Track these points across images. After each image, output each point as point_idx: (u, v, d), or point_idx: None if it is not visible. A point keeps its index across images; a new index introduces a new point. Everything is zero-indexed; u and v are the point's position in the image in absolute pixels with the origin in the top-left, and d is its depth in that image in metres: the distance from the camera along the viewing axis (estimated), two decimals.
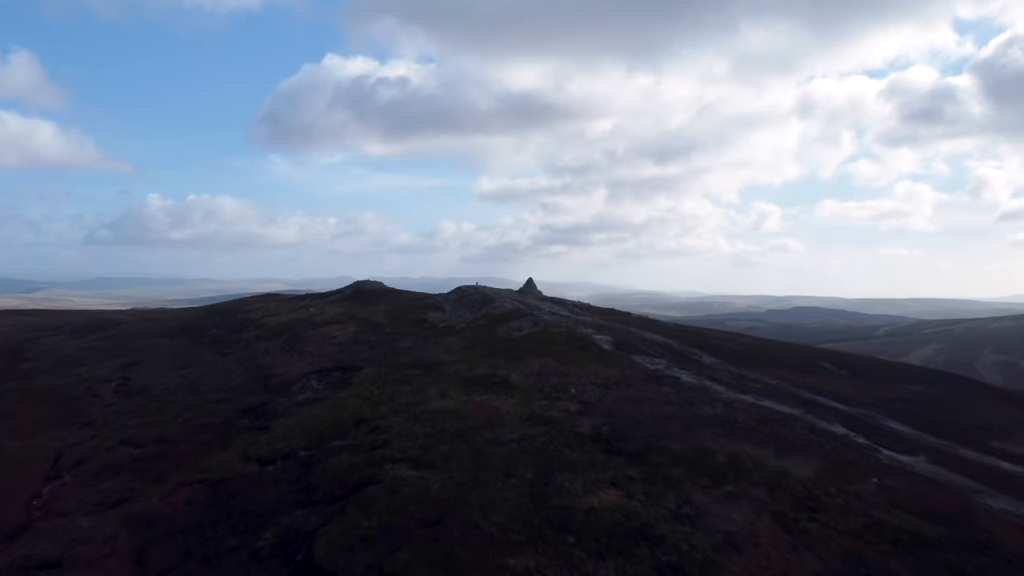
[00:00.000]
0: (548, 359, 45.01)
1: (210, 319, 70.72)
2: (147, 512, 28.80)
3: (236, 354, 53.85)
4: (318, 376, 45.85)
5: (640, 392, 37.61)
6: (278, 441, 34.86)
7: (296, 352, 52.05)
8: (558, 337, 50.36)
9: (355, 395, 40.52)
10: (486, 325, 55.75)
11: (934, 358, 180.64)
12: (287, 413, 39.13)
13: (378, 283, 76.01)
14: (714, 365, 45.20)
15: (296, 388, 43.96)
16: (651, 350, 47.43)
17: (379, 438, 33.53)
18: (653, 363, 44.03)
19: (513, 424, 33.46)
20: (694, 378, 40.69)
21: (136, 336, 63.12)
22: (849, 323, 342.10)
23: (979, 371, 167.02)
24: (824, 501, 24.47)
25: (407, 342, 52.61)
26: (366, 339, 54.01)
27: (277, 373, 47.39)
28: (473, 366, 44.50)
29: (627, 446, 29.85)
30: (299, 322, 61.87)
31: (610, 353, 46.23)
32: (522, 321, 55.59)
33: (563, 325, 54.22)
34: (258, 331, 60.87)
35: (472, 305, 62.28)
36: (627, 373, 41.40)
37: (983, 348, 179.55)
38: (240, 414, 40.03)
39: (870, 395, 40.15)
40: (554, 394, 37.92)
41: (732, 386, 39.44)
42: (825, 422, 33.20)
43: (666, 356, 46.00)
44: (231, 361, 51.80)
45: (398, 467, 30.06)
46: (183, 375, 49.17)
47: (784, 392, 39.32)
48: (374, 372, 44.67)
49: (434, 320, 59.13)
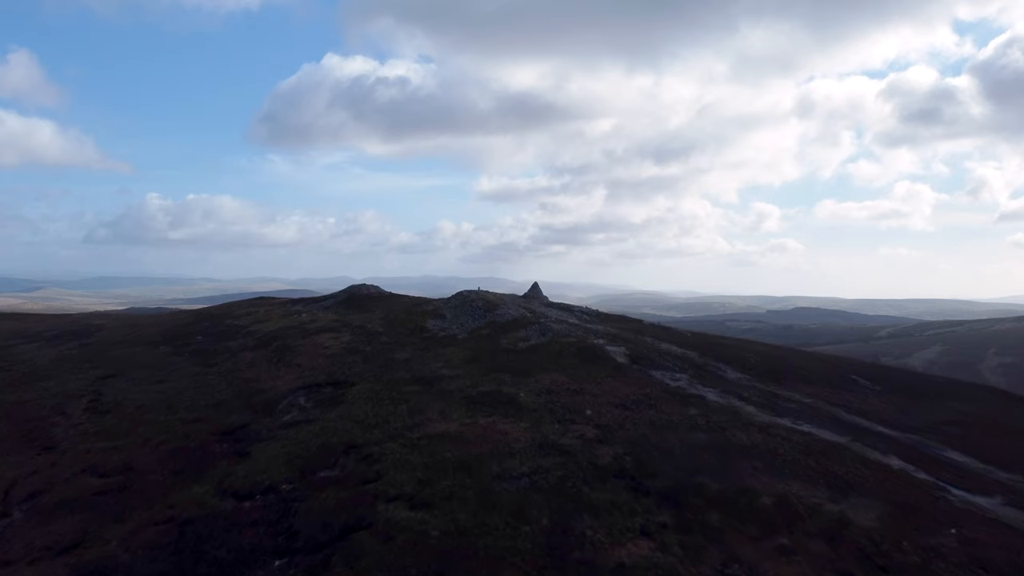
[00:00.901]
0: (558, 374, 41.13)
1: (196, 325, 66.78)
2: (101, 561, 24.90)
3: (220, 366, 49.92)
4: (307, 392, 41.95)
5: (664, 414, 33.73)
6: (258, 471, 30.96)
7: (284, 364, 48.13)
8: (568, 349, 46.46)
9: (346, 415, 36.63)
10: (490, 335, 51.85)
11: (937, 360, 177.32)
12: (271, 436, 35.23)
13: (374, 287, 72.06)
14: (740, 381, 41.32)
15: (282, 406, 40.05)
16: (670, 363, 43.54)
17: (371, 469, 29.66)
18: (674, 379, 40.16)
19: (523, 453, 29.58)
20: (721, 397, 36.81)
21: (116, 344, 59.23)
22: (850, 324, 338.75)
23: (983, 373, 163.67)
24: (897, 559, 20.62)
25: (404, 353, 48.71)
26: (360, 349, 50.11)
27: (263, 388, 43.47)
28: (476, 382, 40.62)
29: (656, 483, 25.98)
30: (290, 330, 57.97)
31: (626, 367, 42.35)
32: (528, 330, 51.69)
33: (573, 335, 50.32)
34: (246, 339, 56.95)
35: (474, 312, 58.38)
36: (647, 391, 37.52)
37: (987, 350, 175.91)
38: (219, 437, 36.12)
39: (916, 417, 36.28)
40: (567, 416, 34.04)
41: (765, 407, 35.56)
42: (877, 452, 29.33)
43: (687, 371, 42.11)
44: (214, 374, 47.87)
45: (393, 507, 26.19)
46: (161, 390, 45.26)
47: (821, 413, 35.44)
48: (368, 388, 40.78)
49: (434, 329, 55.21)
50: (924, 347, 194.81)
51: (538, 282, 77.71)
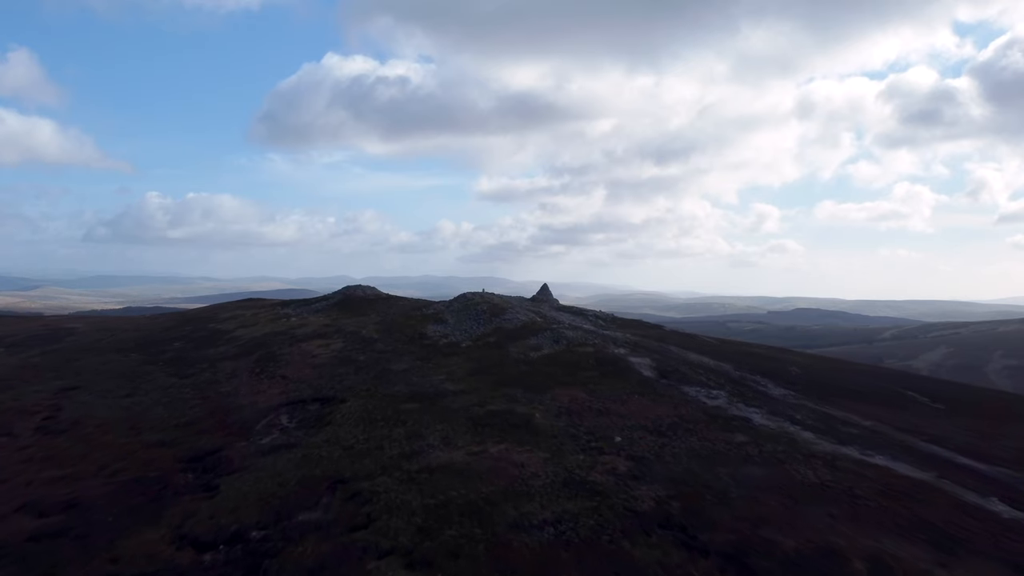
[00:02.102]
0: (578, 390, 35.99)
1: (177, 329, 61.65)
2: None
3: (197, 377, 44.74)
4: (290, 410, 36.79)
5: (707, 442, 28.58)
6: (226, 512, 25.79)
7: (267, 376, 42.95)
8: (586, 359, 41.31)
9: (333, 440, 31.46)
10: (497, 343, 46.70)
11: (943, 362, 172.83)
12: (244, 466, 30.05)
13: (370, 288, 66.84)
14: (786, 399, 36.19)
15: (261, 427, 34.89)
16: (703, 377, 38.39)
17: (361, 512, 24.50)
18: (711, 396, 35.02)
19: (545, 493, 24.45)
20: (770, 420, 31.67)
21: (86, 351, 54.06)
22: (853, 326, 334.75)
23: (989, 375, 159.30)
24: None
25: (402, 363, 43.54)
26: (353, 359, 44.95)
27: (241, 405, 38.30)
28: (484, 399, 35.47)
29: (713, 537, 20.83)
30: (277, 336, 52.82)
31: (654, 382, 37.20)
32: (540, 338, 46.54)
33: (589, 343, 45.18)
34: (228, 346, 51.80)
35: (479, 316, 53.25)
36: (682, 411, 32.38)
37: (992, 352, 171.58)
38: (185, 465, 30.96)
39: (1000, 443, 31.13)
40: (593, 443, 28.90)
41: (823, 432, 30.40)
42: (974, 494, 24.19)
43: (724, 386, 36.97)
44: (189, 387, 42.69)
45: (386, 565, 21.04)
46: (127, 405, 40.09)
47: (890, 441, 30.28)
48: (360, 406, 35.62)
49: (434, 335, 50.04)
50: (929, 349, 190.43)
51: (537, 283, 72.89)
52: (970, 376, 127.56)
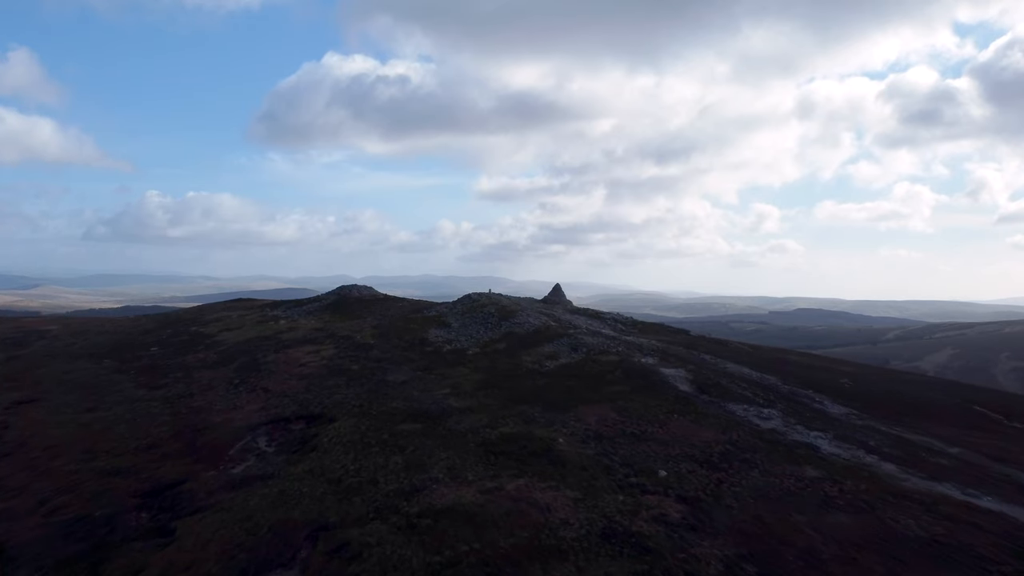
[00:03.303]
0: (606, 407, 30.84)
1: (157, 332, 56.60)
2: None
3: (170, 388, 39.63)
4: (270, 430, 31.67)
5: (772, 477, 23.43)
6: (179, 569, 20.68)
7: (248, 387, 37.83)
8: (611, 370, 36.17)
9: (318, 470, 26.33)
10: (508, 350, 41.56)
11: (950, 364, 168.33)
12: (210, 503, 24.92)
13: (367, 288, 61.61)
14: (849, 419, 31.01)
15: (235, 452, 29.76)
16: (749, 393, 33.24)
17: (347, 572, 19.39)
18: (763, 417, 29.87)
19: (579, 549, 19.32)
20: (840, 447, 26.53)
21: (53, 357, 48.94)
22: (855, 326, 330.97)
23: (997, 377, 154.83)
24: None
25: (401, 374, 38.42)
26: (345, 368, 39.83)
27: (214, 424, 33.17)
28: (496, 418, 30.34)
29: None
30: (262, 341, 47.70)
31: (693, 398, 32.05)
32: (556, 344, 41.41)
33: (612, 351, 40.03)
34: (208, 352, 46.69)
35: (486, 320, 48.12)
36: (734, 436, 27.23)
37: (999, 353, 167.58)
38: (140, 501, 25.85)
39: None
40: (632, 478, 23.78)
41: (905, 462, 25.25)
42: None
43: (775, 403, 31.82)
44: (159, 401, 37.57)
45: None
46: (87, 422, 34.99)
47: (989, 474, 25.11)
48: (351, 426, 30.47)
49: (437, 340, 44.90)
50: (934, 350, 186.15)
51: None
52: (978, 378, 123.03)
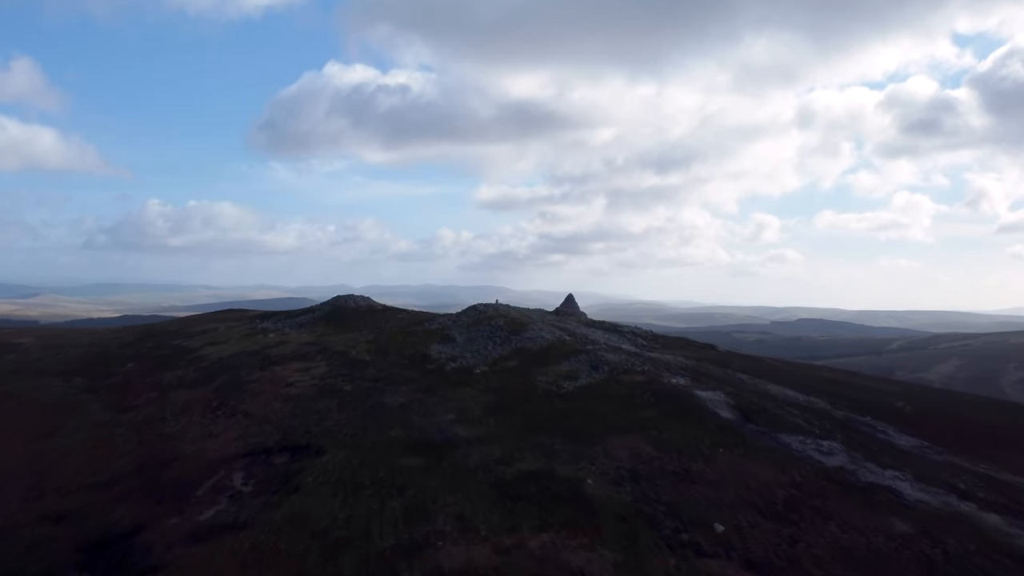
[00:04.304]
0: (638, 439, 26.44)
1: (136, 346, 52.23)
2: None
3: (140, 412, 35.25)
4: (248, 465, 27.27)
5: (854, 532, 19.04)
6: None
7: (227, 411, 33.43)
8: (639, 393, 31.75)
9: (300, 519, 21.92)
10: (520, 368, 37.15)
11: (956, 375, 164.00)
12: (166, 561, 20.53)
13: (364, 299, 57.19)
14: (923, 453, 26.61)
15: (205, 491, 25.36)
16: (801, 420, 28.83)
17: None
18: (824, 451, 25.48)
19: None
20: (925, 490, 22.15)
21: (19, 373, 44.49)
22: (858, 336, 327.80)
23: (1004, 388, 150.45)
24: None
25: (399, 395, 34.02)
26: (337, 388, 35.44)
27: (184, 455, 28.77)
28: (511, 451, 25.95)
29: None
30: (248, 356, 43.29)
31: (738, 427, 27.65)
32: (573, 362, 37.03)
33: (638, 369, 35.63)
34: (187, 369, 42.29)
35: (494, 333, 43.74)
36: (795, 476, 22.84)
37: (1006, 364, 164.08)
38: (83, 557, 21.47)
39: None
40: (683, 534, 19.38)
41: (1007, 510, 20.95)
42: None
43: (833, 434, 27.42)
44: (126, 427, 33.19)
45: None
46: (41, 450, 30.59)
47: None
48: (342, 460, 26.08)
49: (440, 357, 40.50)
50: (940, 361, 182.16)
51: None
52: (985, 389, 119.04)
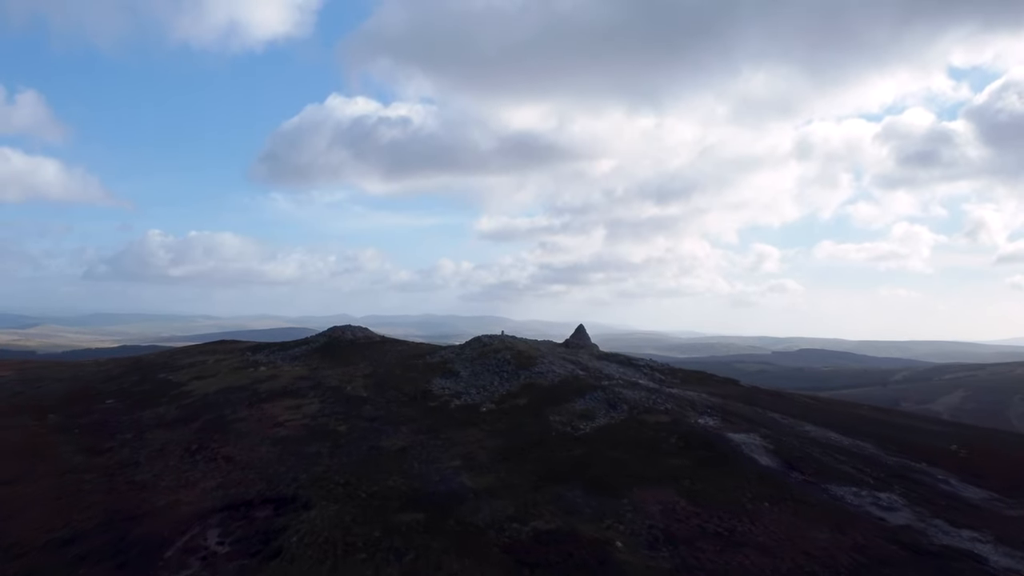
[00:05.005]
0: (670, 491, 23.25)
1: (121, 380, 49.10)
2: None
3: (114, 455, 32.03)
4: (226, 520, 24.00)
5: None
6: None
7: (207, 455, 30.20)
8: (664, 435, 28.57)
9: None
10: (530, 406, 34.00)
11: (962, 406, 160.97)
12: None
13: (361, 329, 54.06)
14: (995, 507, 23.39)
15: (174, 552, 22.07)
16: (850, 468, 25.65)
17: None
18: (883, 505, 22.29)
19: None
20: (1011, 557, 18.93)
21: None
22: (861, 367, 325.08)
23: (1011, 420, 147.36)
24: None
25: (398, 437, 30.85)
26: (331, 429, 32.27)
27: (155, 508, 25.50)
28: (526, 505, 22.75)
29: None
30: (235, 392, 40.17)
31: (782, 477, 24.46)
32: (589, 400, 33.89)
33: (660, 408, 32.48)
34: (169, 406, 39.15)
35: (500, 367, 40.65)
36: (857, 538, 19.63)
37: (1012, 396, 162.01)
38: None
39: None
40: None
41: None
42: None
43: (891, 484, 24.27)
44: (96, 473, 29.93)
45: None
46: None
47: None
48: (332, 517, 22.83)
49: (443, 393, 37.37)
50: (946, 392, 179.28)
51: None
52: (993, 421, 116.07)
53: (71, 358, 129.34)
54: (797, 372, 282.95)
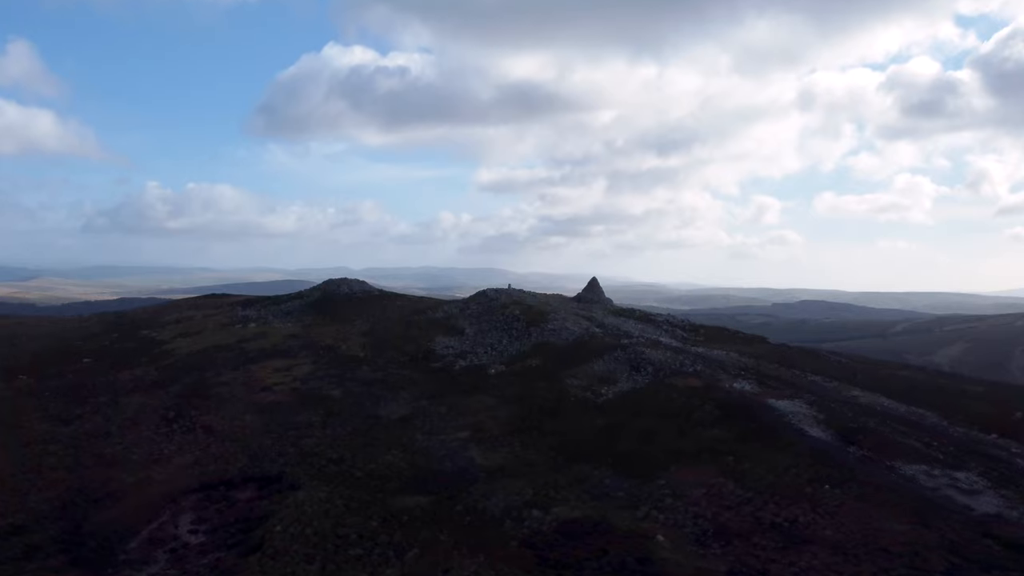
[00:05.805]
0: (711, 470, 20.11)
1: (100, 338, 45.83)
2: None
3: (84, 422, 28.89)
4: (201, 502, 20.95)
5: None
6: None
7: (184, 424, 27.06)
8: (699, 404, 25.32)
9: None
10: (544, 368, 30.73)
11: (964, 358, 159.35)
12: None
13: (359, 283, 50.47)
14: None
15: (138, 544, 19.06)
16: (916, 442, 22.49)
17: None
18: (962, 488, 19.20)
19: None
20: None
21: None
22: (862, 319, 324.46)
23: (1013, 372, 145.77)
24: None
25: (399, 404, 27.69)
26: (323, 395, 29.11)
27: (122, 489, 22.41)
28: (546, 487, 19.65)
29: None
30: (221, 352, 36.93)
31: (838, 452, 21.30)
32: (609, 361, 30.58)
33: (688, 370, 29.19)
34: (149, 367, 35.96)
35: (509, 325, 37.28)
36: (945, 531, 16.55)
37: (1014, 347, 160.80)
38: None
39: None
40: None
41: None
42: None
43: (965, 461, 21.13)
44: (63, 441, 26.80)
45: None
46: None
47: None
48: (322, 501, 19.71)
49: (447, 353, 34.10)
50: (947, 344, 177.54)
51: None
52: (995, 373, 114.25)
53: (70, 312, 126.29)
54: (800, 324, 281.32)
